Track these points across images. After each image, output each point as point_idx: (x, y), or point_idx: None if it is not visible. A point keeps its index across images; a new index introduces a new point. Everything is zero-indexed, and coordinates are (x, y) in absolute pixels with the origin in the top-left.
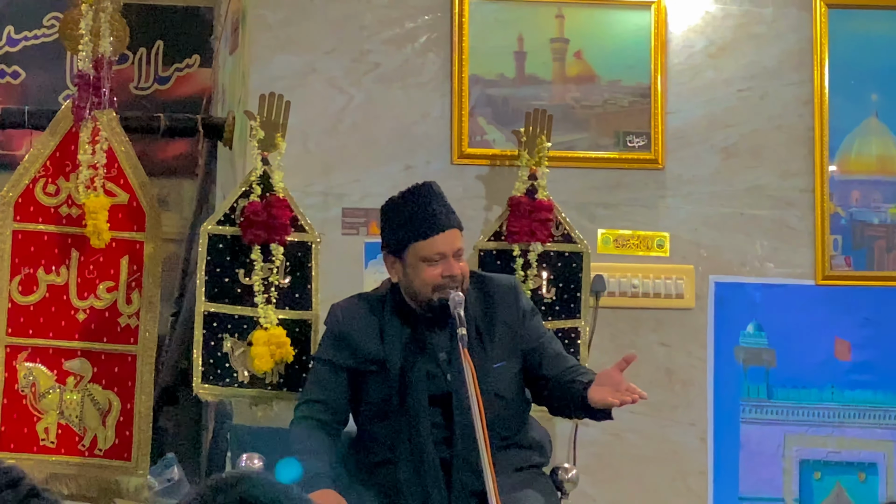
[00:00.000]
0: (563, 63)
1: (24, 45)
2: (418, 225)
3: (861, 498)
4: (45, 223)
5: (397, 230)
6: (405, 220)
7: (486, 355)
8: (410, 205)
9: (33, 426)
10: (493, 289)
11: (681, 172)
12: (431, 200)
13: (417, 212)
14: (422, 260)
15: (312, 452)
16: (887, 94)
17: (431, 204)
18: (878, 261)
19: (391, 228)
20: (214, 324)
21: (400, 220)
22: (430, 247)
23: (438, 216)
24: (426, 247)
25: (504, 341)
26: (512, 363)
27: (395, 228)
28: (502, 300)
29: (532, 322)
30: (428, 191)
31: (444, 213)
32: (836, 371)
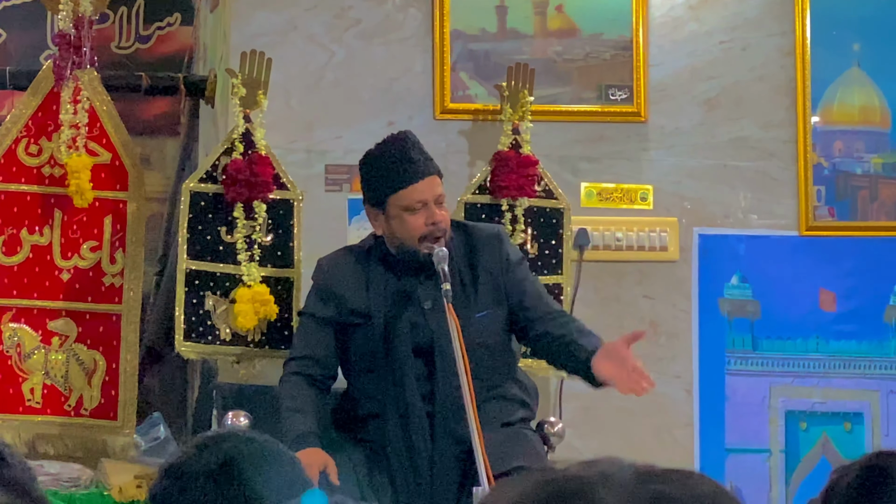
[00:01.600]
0: (545, 17)
1: (4, 5)
2: (397, 174)
3: (847, 447)
4: (27, 183)
5: (377, 182)
6: (383, 172)
7: (470, 304)
8: (388, 156)
9: (19, 387)
10: (477, 238)
11: (663, 125)
12: (408, 149)
13: (395, 162)
14: (404, 209)
15: (300, 410)
16: (869, 44)
17: (408, 152)
18: (862, 211)
19: (371, 181)
20: (196, 281)
21: (378, 171)
22: (411, 195)
23: (416, 164)
24: (406, 195)
25: (487, 290)
26: (496, 312)
27: (375, 180)
28: (486, 249)
29: (517, 270)
30: (403, 140)
31: (421, 160)
32: (820, 322)
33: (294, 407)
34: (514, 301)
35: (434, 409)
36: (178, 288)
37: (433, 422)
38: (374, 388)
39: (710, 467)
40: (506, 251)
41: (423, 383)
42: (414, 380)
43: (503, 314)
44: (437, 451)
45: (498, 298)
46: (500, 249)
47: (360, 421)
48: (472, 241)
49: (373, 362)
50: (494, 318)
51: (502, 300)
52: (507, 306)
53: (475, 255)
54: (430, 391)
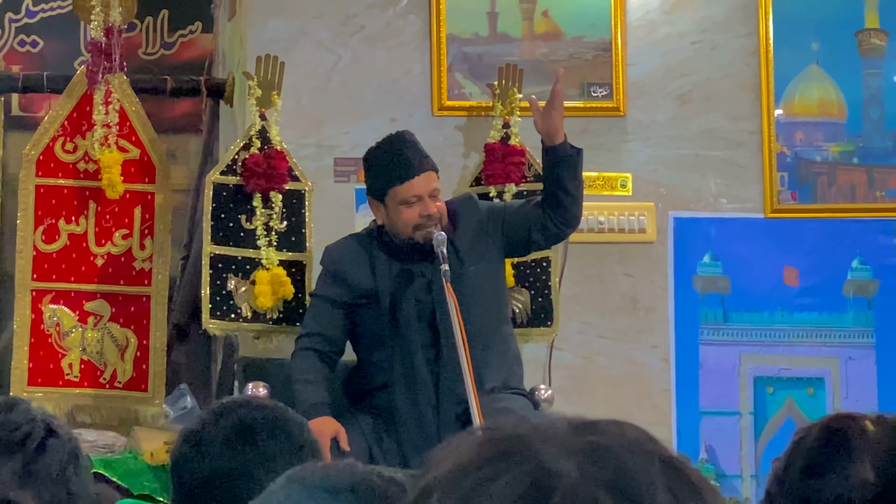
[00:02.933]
0: (532, 22)
1: (41, 16)
2: (395, 171)
3: (810, 410)
4: (64, 178)
5: (377, 177)
6: (383, 169)
7: (461, 263)
8: (387, 153)
9: (58, 362)
10: (455, 207)
11: (640, 119)
12: (404, 148)
13: (393, 159)
14: (400, 203)
15: (312, 382)
16: (826, 43)
17: (405, 151)
18: (822, 194)
19: (372, 176)
20: (220, 265)
21: (378, 168)
22: (407, 190)
23: (412, 161)
24: (403, 190)
25: (475, 245)
26: (483, 268)
27: (376, 176)
28: (464, 212)
29: (495, 211)
30: (401, 139)
31: (417, 158)
32: (785, 296)
33: (306, 379)
34: (504, 220)
35: (439, 372)
36: (203, 271)
37: (438, 385)
38: (384, 360)
39: (686, 429)
40: (480, 208)
41: (428, 350)
42: (420, 348)
43: (493, 265)
44: (442, 411)
45: (485, 251)
46: (476, 208)
47: (369, 392)
48: (453, 211)
49: (381, 337)
50: (484, 270)
51: (490, 251)
52: (500, 248)
53: (457, 220)
54: (435, 357)
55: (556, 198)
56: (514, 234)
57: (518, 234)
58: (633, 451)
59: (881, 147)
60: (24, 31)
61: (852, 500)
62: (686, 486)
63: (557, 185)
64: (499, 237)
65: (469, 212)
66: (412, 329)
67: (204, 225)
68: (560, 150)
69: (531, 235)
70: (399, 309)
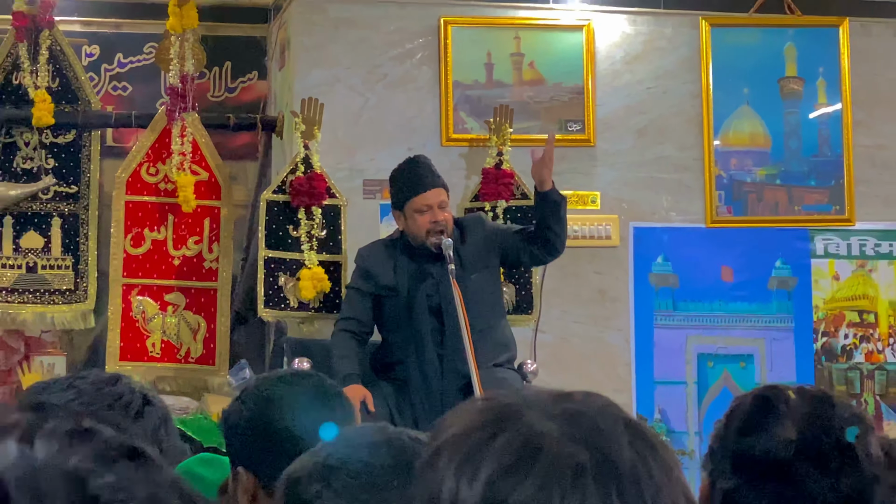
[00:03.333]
0: (521, 71)
1: (130, 66)
2: (411, 185)
3: (742, 380)
4: (148, 195)
5: (399, 191)
6: (402, 184)
7: (466, 272)
8: (406, 172)
9: (144, 342)
10: (465, 224)
11: (607, 148)
12: (420, 167)
13: (411, 176)
14: (415, 211)
15: (346, 357)
16: (755, 88)
17: (420, 170)
18: (751, 209)
19: (394, 189)
20: (272, 265)
21: (399, 182)
22: (421, 201)
23: (426, 178)
24: (418, 201)
25: (477, 256)
26: (485, 275)
27: (398, 189)
28: (471, 229)
29: (495, 230)
30: (417, 161)
31: (430, 176)
32: (722, 289)
33: (342, 354)
34: (502, 241)
35: (443, 352)
36: (259, 270)
37: (443, 362)
38: (400, 341)
39: (643, 395)
40: (485, 227)
41: (435, 335)
42: (429, 332)
43: (491, 273)
44: (446, 383)
45: (486, 261)
46: (482, 227)
47: (389, 365)
48: (463, 227)
49: (399, 322)
50: (484, 276)
51: (490, 261)
52: (498, 260)
53: (465, 235)
54: (441, 341)
55: (541, 233)
56: (508, 254)
57: (510, 255)
58: (602, 414)
59: (799, 171)
60: (116, 78)
61: (777, 453)
62: (644, 442)
63: (543, 223)
64: (496, 253)
65: (476, 230)
66: (423, 317)
67: (259, 233)
68: (548, 196)
69: (520, 258)
70: (414, 300)
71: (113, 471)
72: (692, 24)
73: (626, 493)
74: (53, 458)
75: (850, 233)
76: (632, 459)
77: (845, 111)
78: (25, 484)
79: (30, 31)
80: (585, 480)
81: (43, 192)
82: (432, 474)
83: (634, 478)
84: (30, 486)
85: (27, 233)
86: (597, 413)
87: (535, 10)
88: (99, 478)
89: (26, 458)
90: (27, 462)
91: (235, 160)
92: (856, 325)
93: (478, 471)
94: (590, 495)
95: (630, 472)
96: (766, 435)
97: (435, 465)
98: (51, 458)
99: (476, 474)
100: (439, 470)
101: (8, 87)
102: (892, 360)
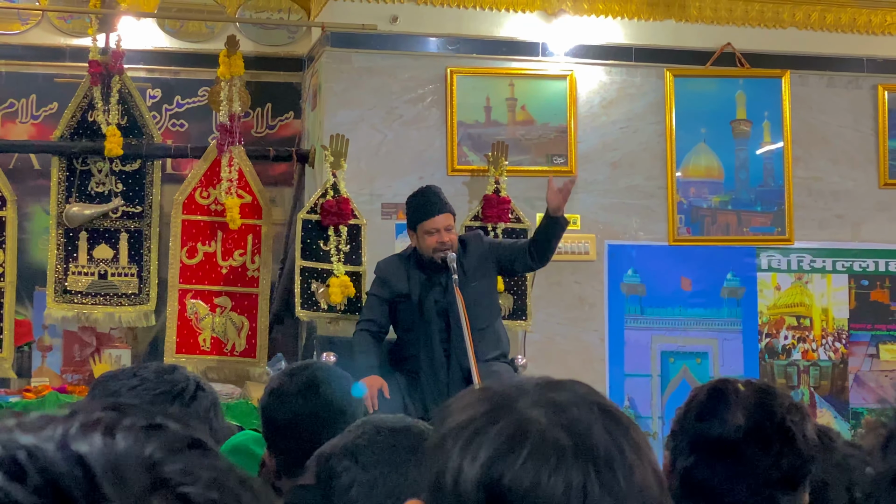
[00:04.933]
0: (514, 113)
1: (186, 107)
2: (423, 210)
3: (699, 374)
4: (201, 215)
5: (412, 214)
6: (415, 209)
7: (467, 280)
8: (419, 198)
9: (196, 337)
10: (467, 240)
11: (586, 178)
12: (430, 195)
13: (422, 203)
14: (425, 232)
15: (366, 353)
16: (711, 128)
17: (430, 197)
18: (707, 230)
19: (409, 212)
20: (306, 273)
21: (413, 207)
22: (431, 224)
23: (435, 205)
24: (427, 224)
25: (477, 268)
26: (483, 282)
27: (411, 213)
28: (473, 245)
29: (493, 245)
30: (429, 190)
31: (439, 203)
32: (681, 297)
33: (362, 350)
34: (497, 253)
35: (449, 349)
36: (295, 278)
37: (448, 357)
38: (412, 339)
39: (615, 386)
40: (484, 242)
41: (442, 334)
42: (437, 332)
43: (489, 283)
44: (451, 374)
45: (485, 272)
46: (481, 242)
47: (404, 359)
48: (465, 242)
49: (411, 324)
50: (482, 285)
51: (489, 272)
52: (495, 269)
53: (467, 249)
54: (447, 338)
55: (542, 246)
56: (502, 263)
57: (504, 264)
58: (579, 403)
59: (747, 198)
60: (175, 116)
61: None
62: (618, 426)
63: (546, 240)
64: (493, 263)
65: (476, 245)
66: (432, 320)
67: (295, 247)
68: (559, 220)
69: (513, 266)
70: (423, 305)
71: (181, 458)
72: (658, 75)
73: (602, 472)
74: (131, 448)
75: (790, 251)
76: (606, 442)
77: (786, 148)
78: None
79: (103, 77)
80: (567, 461)
81: (113, 212)
82: (440, 454)
83: (609, 458)
84: (113, 471)
85: (99, 246)
86: (577, 401)
87: (526, 62)
88: (170, 464)
89: (109, 448)
90: (110, 451)
91: (274, 186)
92: (794, 328)
93: (478, 452)
94: (571, 474)
95: (605, 454)
96: (718, 420)
97: (442, 447)
98: (129, 447)
99: (476, 455)
100: (445, 451)
101: (84, 123)
102: (825, 358)
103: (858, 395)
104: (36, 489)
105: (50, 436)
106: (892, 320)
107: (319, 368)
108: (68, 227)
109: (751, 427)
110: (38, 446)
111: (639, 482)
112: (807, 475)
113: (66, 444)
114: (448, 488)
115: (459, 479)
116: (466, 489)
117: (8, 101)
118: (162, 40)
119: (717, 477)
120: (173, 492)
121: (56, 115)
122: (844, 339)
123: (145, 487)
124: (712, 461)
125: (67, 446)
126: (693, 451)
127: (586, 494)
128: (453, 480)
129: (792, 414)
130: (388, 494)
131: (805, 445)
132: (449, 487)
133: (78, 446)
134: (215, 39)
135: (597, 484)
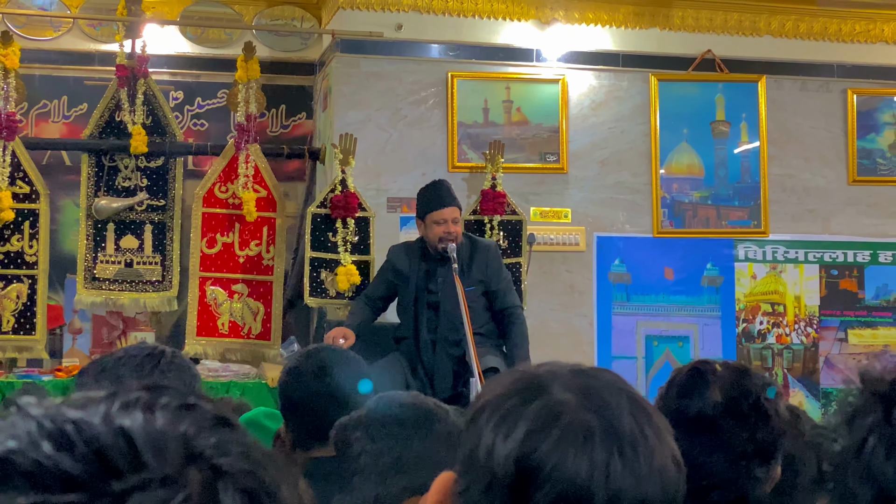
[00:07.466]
0: (510, 114)
1: (207, 108)
2: (433, 202)
3: (681, 356)
4: (220, 208)
5: (423, 204)
6: (426, 200)
7: (465, 281)
8: (430, 190)
9: (215, 322)
10: (478, 245)
11: (577, 174)
12: (440, 189)
13: (434, 195)
14: (433, 222)
15: (354, 314)
16: (692, 129)
17: (441, 190)
18: (688, 223)
19: (420, 203)
20: (316, 263)
21: (424, 198)
22: (439, 215)
23: (445, 197)
24: (436, 215)
25: (476, 276)
26: (478, 288)
27: (422, 203)
28: (481, 253)
29: (497, 270)
30: (440, 183)
31: (448, 196)
32: (665, 285)
33: (352, 311)
34: (489, 285)
35: (436, 338)
36: (305, 267)
37: (435, 345)
38: (406, 323)
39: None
40: (492, 257)
41: (430, 324)
42: (425, 322)
43: (482, 290)
44: (437, 361)
45: (481, 282)
46: (490, 256)
47: (401, 339)
48: (475, 246)
49: (407, 310)
50: (477, 291)
51: (484, 284)
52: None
53: (474, 255)
54: (434, 328)
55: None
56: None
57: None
58: (609, 388)
59: (725, 194)
60: (196, 117)
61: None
62: (642, 411)
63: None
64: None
65: (485, 255)
66: (422, 310)
67: (306, 238)
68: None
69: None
70: (419, 294)
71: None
72: (643, 79)
73: (625, 452)
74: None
75: (765, 242)
76: (632, 426)
77: (762, 148)
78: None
79: (129, 80)
80: (594, 441)
81: (138, 205)
82: (474, 430)
83: (633, 441)
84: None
85: (125, 236)
86: (605, 386)
87: (521, 67)
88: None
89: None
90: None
91: (288, 181)
92: (769, 314)
93: (513, 430)
94: (597, 453)
95: (630, 436)
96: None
97: (476, 423)
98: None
99: (511, 432)
100: (479, 427)
101: (112, 122)
102: (797, 342)
103: (828, 376)
104: (83, 457)
105: (95, 411)
106: (860, 307)
107: (332, 351)
108: (97, 219)
109: (727, 404)
110: (85, 420)
111: (659, 465)
112: (779, 448)
113: (110, 418)
114: (480, 462)
115: (493, 454)
116: (499, 463)
117: (41, 102)
118: (184, 46)
119: (697, 450)
120: (207, 463)
121: (86, 116)
122: (815, 324)
123: (183, 459)
124: (692, 436)
125: (112, 421)
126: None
127: (609, 472)
128: (486, 455)
129: (765, 392)
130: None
131: (778, 421)
132: (482, 461)
133: (121, 420)
134: (233, 45)
135: (620, 463)
